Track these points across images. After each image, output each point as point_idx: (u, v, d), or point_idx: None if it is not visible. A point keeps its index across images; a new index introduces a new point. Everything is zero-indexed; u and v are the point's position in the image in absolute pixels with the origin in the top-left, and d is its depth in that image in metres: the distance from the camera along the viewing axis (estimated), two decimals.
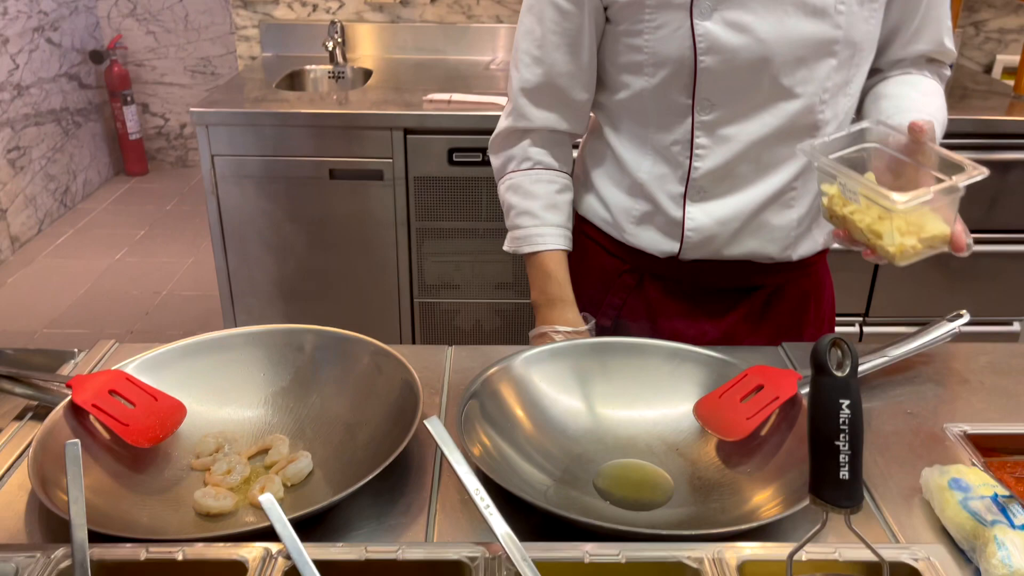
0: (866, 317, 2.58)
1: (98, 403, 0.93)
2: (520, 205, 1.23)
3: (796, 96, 1.08)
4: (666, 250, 1.20)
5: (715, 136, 1.11)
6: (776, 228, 1.17)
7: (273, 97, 2.46)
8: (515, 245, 1.26)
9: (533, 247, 1.23)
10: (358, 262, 2.48)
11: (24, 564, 0.69)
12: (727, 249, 1.18)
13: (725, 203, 1.15)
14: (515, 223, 1.25)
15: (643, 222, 1.21)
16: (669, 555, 0.72)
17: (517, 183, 1.24)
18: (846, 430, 0.62)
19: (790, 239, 1.19)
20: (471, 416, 0.94)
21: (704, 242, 1.18)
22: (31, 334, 3.15)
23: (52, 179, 4.11)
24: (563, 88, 1.18)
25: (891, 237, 0.92)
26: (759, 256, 1.20)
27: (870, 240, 0.95)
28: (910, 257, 0.93)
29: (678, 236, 1.18)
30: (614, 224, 1.24)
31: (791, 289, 1.26)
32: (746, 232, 1.17)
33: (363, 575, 0.71)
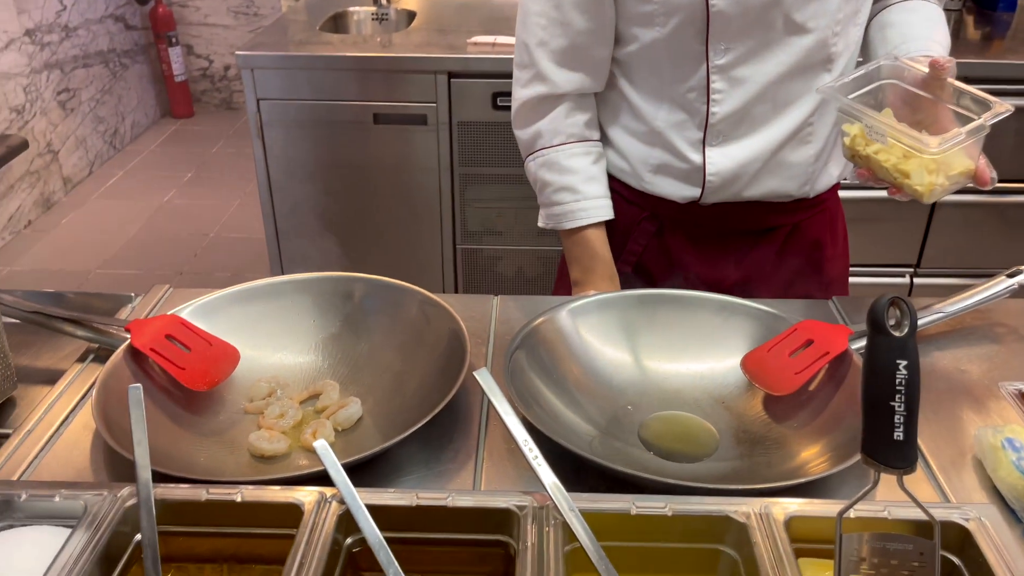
0: (917, 268, 2.53)
1: (156, 347, 0.96)
2: (558, 181, 1.21)
3: (808, 31, 1.07)
4: (687, 196, 1.20)
5: (730, 79, 1.10)
6: (795, 165, 1.18)
7: (317, 40, 2.45)
8: (554, 222, 1.24)
9: (576, 222, 1.21)
10: (401, 207, 2.49)
11: (92, 502, 0.72)
12: (748, 190, 1.18)
13: (744, 145, 1.15)
14: (553, 199, 1.23)
15: (661, 170, 1.20)
16: (715, 509, 0.72)
17: (551, 160, 1.22)
18: (902, 391, 0.61)
19: (808, 175, 1.19)
20: (517, 366, 0.94)
21: (725, 185, 1.18)
22: (86, 274, 3.24)
23: (101, 121, 4.17)
24: (585, 47, 1.15)
25: (920, 176, 0.93)
26: (778, 195, 1.20)
27: (896, 179, 0.96)
28: (937, 195, 0.95)
29: (699, 181, 1.18)
30: (632, 173, 1.23)
31: (808, 227, 1.27)
32: (766, 172, 1.17)
33: (413, 520, 0.73)
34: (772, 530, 0.70)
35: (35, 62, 3.65)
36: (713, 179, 1.17)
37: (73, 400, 0.95)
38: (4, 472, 0.84)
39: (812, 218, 1.26)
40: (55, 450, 0.88)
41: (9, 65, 3.48)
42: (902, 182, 0.95)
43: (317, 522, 0.70)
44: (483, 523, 0.73)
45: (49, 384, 0.98)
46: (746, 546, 0.70)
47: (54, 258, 3.36)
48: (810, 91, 1.12)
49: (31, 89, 3.62)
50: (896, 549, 0.64)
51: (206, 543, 0.74)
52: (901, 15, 1.15)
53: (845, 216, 1.35)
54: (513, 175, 2.41)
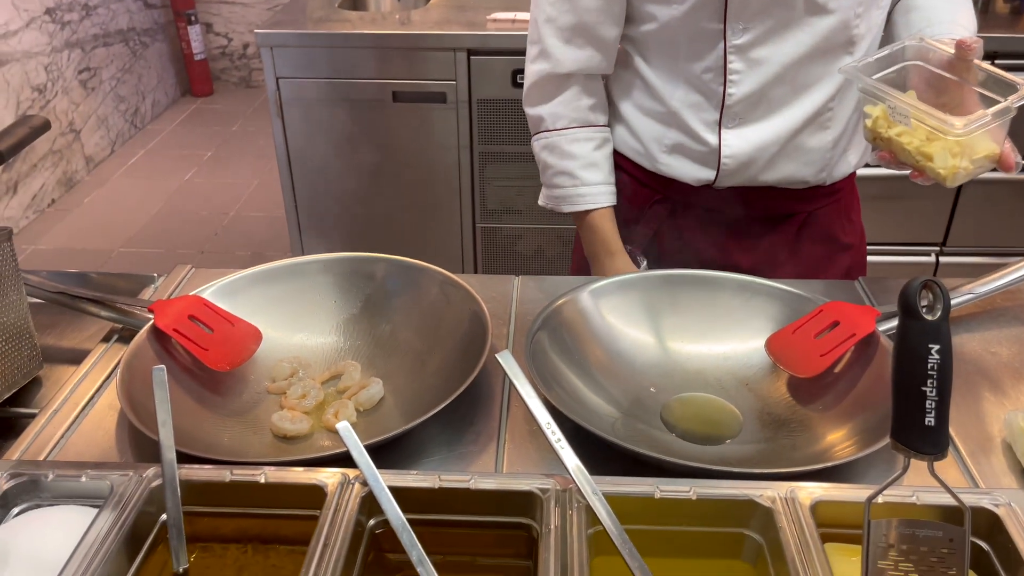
0: (943, 247, 2.49)
1: (179, 328, 0.96)
2: (557, 165, 1.21)
3: (830, 12, 1.05)
4: (701, 178, 1.18)
5: (748, 60, 1.08)
6: (812, 151, 1.15)
7: (336, 17, 2.43)
8: (554, 203, 1.25)
9: (574, 207, 1.23)
10: (420, 186, 2.48)
11: (118, 482, 0.72)
12: (763, 174, 1.16)
13: (761, 128, 1.13)
14: (553, 182, 1.23)
15: (676, 151, 1.19)
16: (740, 493, 0.71)
17: (553, 143, 1.21)
18: (934, 376, 0.60)
19: (826, 161, 1.17)
20: (539, 347, 0.94)
21: (740, 168, 1.16)
22: (108, 253, 3.26)
23: (122, 100, 4.18)
24: (593, 25, 1.13)
25: (943, 159, 0.91)
26: (794, 181, 1.18)
27: (919, 162, 0.94)
28: (961, 179, 0.93)
29: (714, 164, 1.16)
30: (645, 154, 1.21)
31: (823, 215, 1.24)
32: (782, 156, 1.15)
33: (436, 502, 0.73)
34: (798, 515, 0.69)
35: (56, 41, 3.66)
36: (728, 162, 1.15)
37: (98, 380, 0.96)
38: (31, 452, 0.85)
39: (828, 206, 1.24)
40: (81, 430, 0.88)
41: (30, 44, 3.49)
42: (924, 165, 0.93)
43: (340, 503, 0.70)
44: (506, 506, 0.72)
45: (74, 364, 0.99)
46: (771, 531, 0.69)
47: (77, 237, 3.39)
48: (830, 74, 1.10)
49: (52, 68, 3.63)
50: (925, 536, 0.63)
51: (230, 523, 0.74)
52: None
53: (871, 195, 1.34)
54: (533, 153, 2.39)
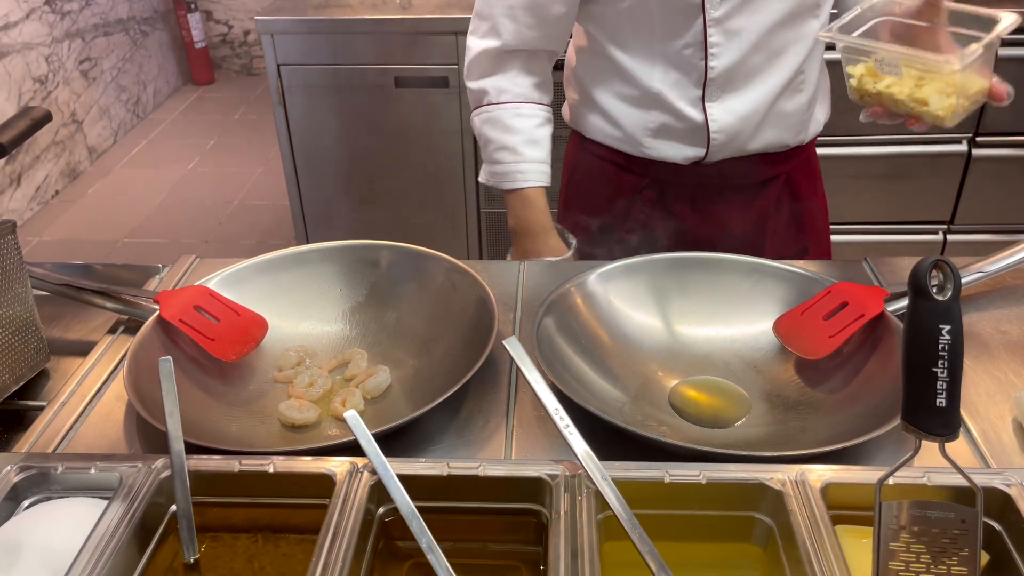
0: (951, 224, 2.47)
1: (184, 318, 0.96)
2: (499, 140, 1.20)
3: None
4: (691, 156, 1.19)
5: (726, 31, 1.09)
6: (791, 114, 1.18)
7: (336, 3, 2.42)
8: (495, 180, 1.23)
9: (514, 183, 1.21)
10: (424, 171, 2.47)
11: (127, 474, 0.72)
12: (750, 144, 1.18)
13: (744, 98, 1.14)
14: (494, 158, 1.22)
15: (661, 133, 1.18)
16: (750, 476, 0.71)
17: (495, 117, 1.20)
18: (945, 356, 0.59)
19: (803, 123, 1.20)
20: (546, 333, 0.93)
21: (729, 141, 1.17)
22: (113, 244, 3.27)
23: (123, 90, 4.17)
24: (543, 4, 1.13)
25: (939, 101, 0.92)
26: (777, 145, 1.20)
27: (914, 109, 0.94)
28: (959, 116, 0.93)
29: (703, 140, 1.17)
30: (629, 139, 1.21)
31: (796, 175, 1.27)
32: (766, 123, 1.17)
33: (445, 489, 0.72)
34: (808, 497, 0.69)
35: (56, 31, 3.65)
36: (718, 136, 1.16)
37: (105, 372, 0.96)
38: (40, 445, 0.85)
39: (800, 166, 1.28)
40: (89, 422, 0.88)
41: (31, 35, 3.48)
42: (920, 111, 0.93)
43: (349, 492, 0.70)
44: (515, 492, 0.72)
45: (81, 356, 0.99)
46: (782, 513, 0.69)
47: (81, 228, 3.39)
48: (800, 39, 1.12)
49: (53, 59, 3.62)
50: (937, 517, 0.62)
51: (240, 513, 0.74)
52: None
53: (878, 173, 1.35)
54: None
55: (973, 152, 2.34)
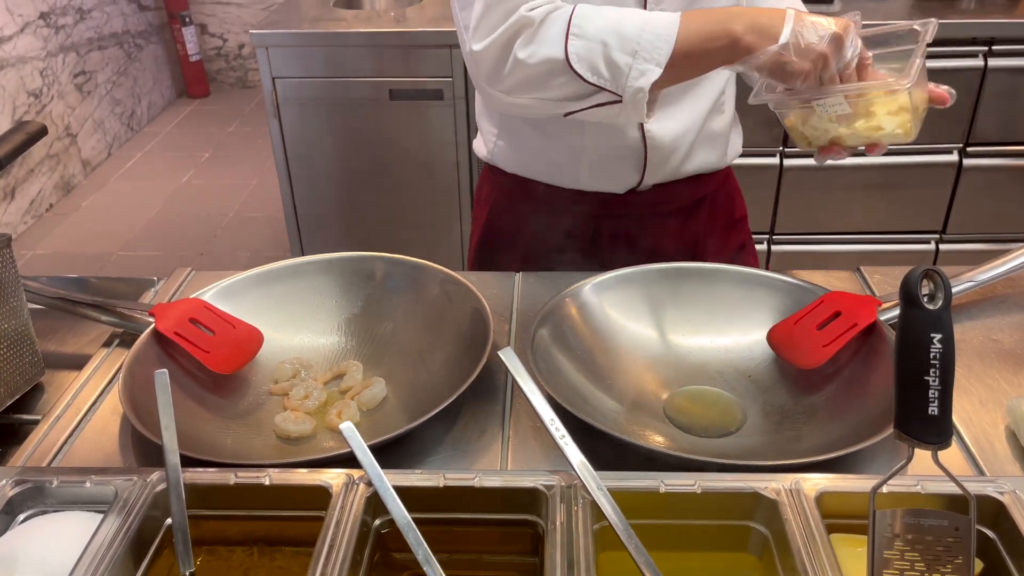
0: (943, 234, 2.48)
1: (180, 331, 0.96)
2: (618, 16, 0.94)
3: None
4: (629, 183, 1.17)
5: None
6: (718, 135, 1.18)
7: (330, 16, 2.43)
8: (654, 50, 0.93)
9: (672, 23, 0.93)
10: (419, 183, 2.48)
11: (123, 487, 0.72)
12: (685, 165, 1.17)
13: (678, 116, 1.13)
14: (631, 35, 0.93)
15: (599, 161, 1.14)
16: (745, 486, 0.71)
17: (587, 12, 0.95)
18: (937, 365, 0.60)
19: (726, 144, 1.21)
20: (541, 343, 0.94)
21: (662, 161, 1.15)
22: (107, 257, 3.26)
23: (118, 103, 4.18)
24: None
25: (891, 122, 0.93)
26: (707, 167, 1.20)
27: (871, 137, 0.94)
28: (917, 130, 0.94)
29: (639, 163, 1.14)
30: (565, 171, 1.16)
31: (720, 195, 1.27)
32: (698, 143, 1.17)
33: (441, 501, 0.73)
34: (803, 506, 0.69)
35: (50, 45, 3.66)
36: (653, 154, 1.14)
37: (100, 385, 0.96)
38: (35, 458, 0.85)
39: (721, 184, 1.27)
40: (84, 435, 0.88)
41: (25, 49, 3.48)
42: (878, 136, 0.94)
43: (345, 504, 0.70)
44: (511, 503, 0.72)
45: (76, 370, 0.99)
46: (777, 522, 0.69)
47: (76, 241, 3.38)
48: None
49: (48, 73, 3.63)
50: (931, 525, 0.63)
51: (236, 526, 0.74)
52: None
53: (870, 184, 1.35)
54: None
55: (964, 162, 2.35)
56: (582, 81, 0.95)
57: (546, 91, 0.99)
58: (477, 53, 1.01)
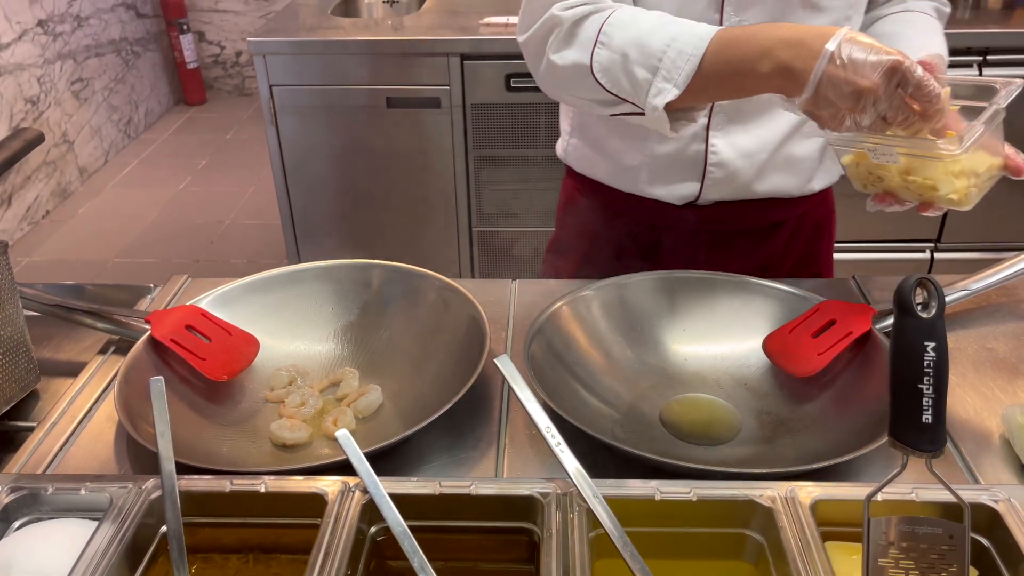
0: (938, 243, 2.49)
1: (176, 338, 0.96)
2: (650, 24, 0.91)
3: (822, 10, 1.02)
4: (685, 194, 1.13)
5: None
6: (800, 160, 1.12)
7: (328, 24, 2.43)
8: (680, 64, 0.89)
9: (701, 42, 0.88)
10: (416, 191, 2.48)
11: (117, 495, 0.72)
12: (756, 185, 1.12)
13: (750, 133, 1.09)
14: (657, 47, 0.90)
15: (658, 167, 1.12)
16: (740, 493, 0.72)
17: (623, 18, 0.94)
18: (930, 373, 0.60)
19: (811, 171, 1.15)
20: (538, 351, 0.94)
21: (727, 179, 1.11)
22: (103, 263, 3.26)
23: (115, 110, 4.18)
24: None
25: (948, 184, 0.84)
26: (781, 192, 1.14)
27: (924, 194, 0.87)
28: (974, 198, 0.86)
29: (698, 176, 1.11)
30: (627, 175, 1.15)
31: (805, 224, 1.22)
32: (772, 165, 1.11)
33: (437, 508, 0.73)
34: (798, 514, 0.69)
35: (48, 52, 3.66)
36: (713, 171, 1.10)
37: (95, 392, 0.95)
38: (29, 465, 0.85)
39: (812, 211, 1.22)
40: (79, 443, 0.88)
41: (23, 56, 3.48)
42: (932, 196, 0.86)
43: (341, 512, 0.70)
44: (507, 511, 0.72)
45: (71, 377, 0.98)
46: (772, 530, 0.70)
47: (72, 248, 3.38)
48: None
49: (45, 80, 3.63)
50: (925, 533, 0.63)
51: (231, 534, 0.74)
52: (895, 27, 1.07)
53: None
54: (528, 156, 2.39)
55: None
56: (604, 90, 0.95)
57: (577, 92, 0.99)
58: (521, 44, 1.03)
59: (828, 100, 0.81)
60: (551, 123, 2.33)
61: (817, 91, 0.81)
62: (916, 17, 1.08)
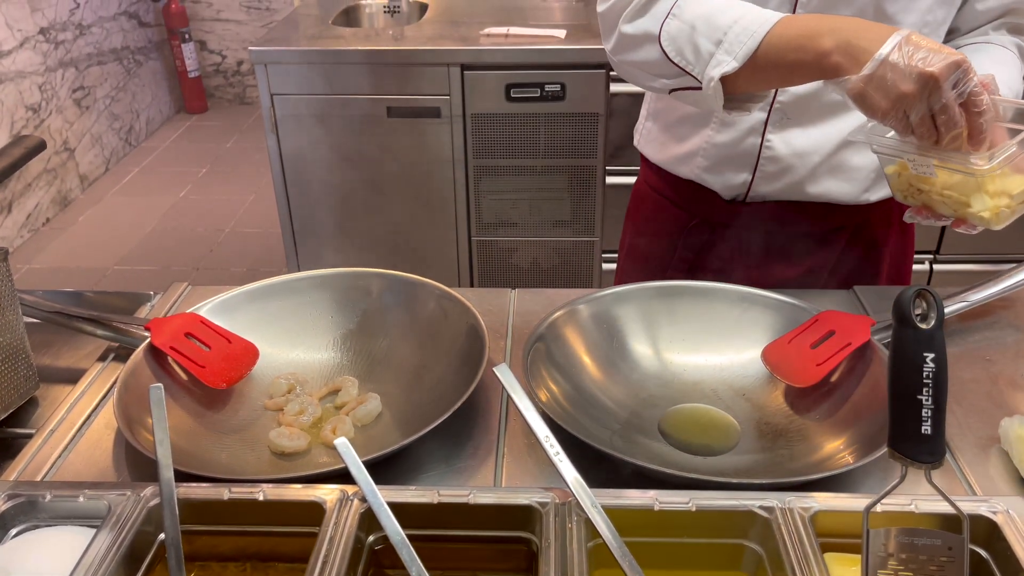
0: (937, 255, 2.50)
1: (176, 345, 0.96)
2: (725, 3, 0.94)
3: (897, 24, 1.01)
4: (737, 184, 1.15)
5: None
6: (856, 168, 1.12)
7: (329, 34, 2.44)
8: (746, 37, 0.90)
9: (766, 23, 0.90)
10: (416, 200, 2.49)
11: (116, 502, 0.72)
12: (807, 186, 1.13)
13: (807, 134, 1.10)
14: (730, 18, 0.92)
15: (717, 156, 1.14)
16: (739, 504, 0.72)
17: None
18: (930, 384, 0.60)
19: (868, 181, 1.14)
20: (537, 360, 0.94)
21: (777, 174, 1.13)
22: (103, 271, 3.26)
23: (116, 118, 4.19)
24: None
25: (982, 202, 0.86)
26: (834, 197, 1.15)
27: (958, 210, 0.89)
28: (1006, 218, 0.88)
29: (751, 168, 1.13)
30: (685, 160, 1.18)
31: (867, 232, 1.21)
32: (825, 169, 1.12)
33: (435, 517, 0.72)
34: (797, 525, 0.69)
35: (50, 60, 3.67)
36: (765, 164, 1.11)
37: (95, 400, 0.95)
38: (28, 472, 0.85)
39: (872, 223, 1.20)
40: (77, 450, 0.88)
41: (24, 64, 3.49)
42: (965, 212, 0.88)
43: (339, 520, 0.70)
44: (505, 520, 0.72)
45: (70, 384, 0.98)
46: (771, 541, 0.69)
47: (72, 255, 3.38)
48: None
49: (46, 87, 3.64)
50: (924, 544, 0.63)
51: (229, 542, 0.74)
52: (971, 54, 1.05)
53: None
54: (528, 166, 2.40)
55: None
56: (668, 60, 0.97)
57: (641, 62, 1.02)
58: (600, 15, 1.06)
59: (884, 84, 0.80)
60: (550, 133, 2.34)
61: (876, 72, 0.81)
62: (995, 50, 1.07)
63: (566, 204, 2.43)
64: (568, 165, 2.37)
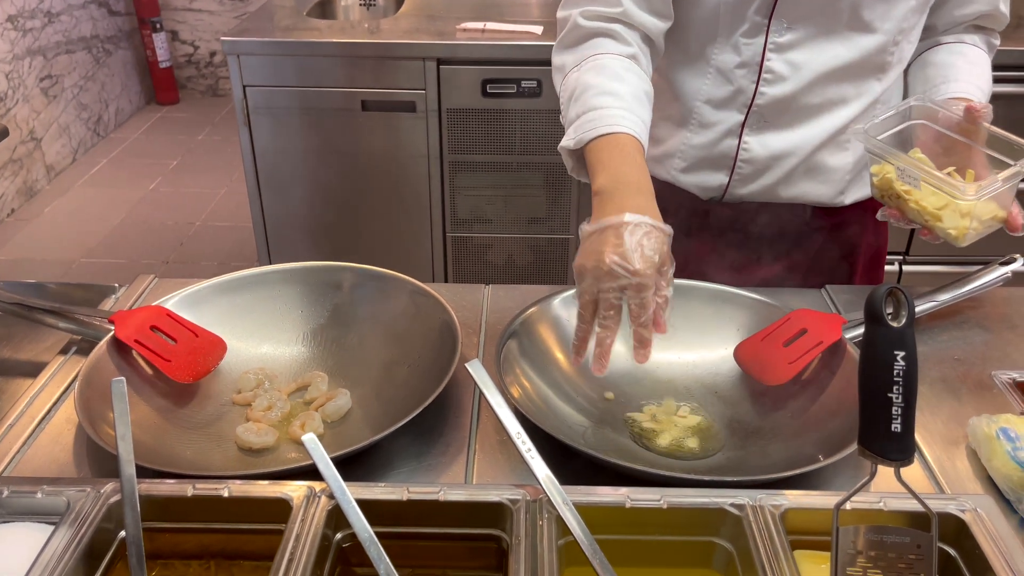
0: (906, 255, 2.53)
1: (140, 339, 0.94)
2: (604, 85, 1.00)
3: (873, 31, 1.04)
4: (713, 186, 1.16)
5: (786, 61, 1.06)
6: (832, 170, 1.14)
7: (304, 26, 2.41)
8: (584, 130, 0.97)
9: (612, 128, 0.96)
10: (390, 194, 2.47)
11: (75, 498, 0.70)
12: (781, 189, 1.14)
13: (784, 136, 1.11)
14: (591, 104, 0.99)
15: (692, 157, 1.16)
16: (711, 501, 0.71)
17: (605, 64, 1.02)
18: (900, 382, 0.60)
19: (844, 183, 1.15)
20: (509, 356, 0.93)
21: (753, 176, 1.14)
22: (69, 263, 3.20)
23: (85, 108, 4.11)
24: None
25: (953, 219, 0.93)
26: (810, 199, 1.16)
27: (928, 222, 0.95)
28: (971, 239, 0.94)
29: (727, 169, 1.14)
30: (663, 162, 1.18)
31: (842, 233, 1.22)
32: (801, 171, 1.13)
33: (404, 514, 0.71)
34: (767, 522, 0.69)
35: (17, 48, 3.59)
36: (743, 167, 1.13)
37: (55, 394, 0.93)
38: None
39: (846, 226, 1.21)
40: (37, 445, 0.86)
41: None
42: (934, 225, 0.95)
43: (306, 517, 0.69)
44: (475, 517, 0.72)
45: (30, 377, 0.96)
46: (741, 539, 0.69)
47: (37, 247, 3.31)
48: (858, 96, 1.09)
49: (13, 76, 3.56)
50: (893, 542, 0.63)
51: (192, 539, 0.72)
52: (947, 57, 1.11)
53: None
54: (503, 162, 2.39)
55: None
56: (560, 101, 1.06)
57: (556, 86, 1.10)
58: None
59: (584, 248, 0.88)
60: (526, 129, 2.33)
61: (585, 237, 0.89)
62: (968, 49, 1.12)
63: (541, 201, 2.42)
64: (544, 162, 2.36)
